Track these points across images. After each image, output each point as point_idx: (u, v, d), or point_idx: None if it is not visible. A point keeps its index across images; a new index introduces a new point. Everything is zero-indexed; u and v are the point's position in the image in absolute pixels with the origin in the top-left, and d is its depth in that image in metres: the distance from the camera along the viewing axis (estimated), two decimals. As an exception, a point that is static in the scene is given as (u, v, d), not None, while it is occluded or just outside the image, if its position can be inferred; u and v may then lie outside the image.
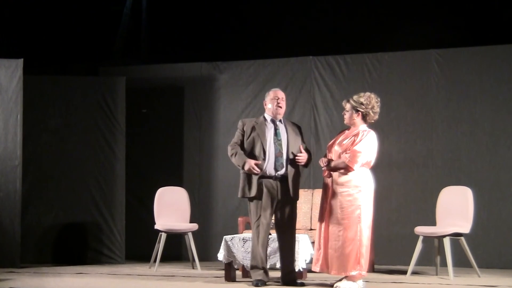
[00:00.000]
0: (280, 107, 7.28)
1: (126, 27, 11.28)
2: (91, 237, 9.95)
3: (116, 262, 9.86)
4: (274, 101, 7.27)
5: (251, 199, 7.16)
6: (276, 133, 7.21)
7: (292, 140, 7.21)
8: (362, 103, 7.02)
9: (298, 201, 7.31)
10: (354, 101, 7.06)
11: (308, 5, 10.42)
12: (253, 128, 7.23)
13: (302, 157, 7.14)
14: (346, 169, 6.93)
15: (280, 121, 7.30)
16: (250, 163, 7.05)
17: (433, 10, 9.93)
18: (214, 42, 10.91)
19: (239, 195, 7.26)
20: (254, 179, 7.12)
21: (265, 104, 7.36)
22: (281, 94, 7.33)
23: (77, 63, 10.68)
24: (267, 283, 7.14)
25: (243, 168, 7.12)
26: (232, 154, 7.21)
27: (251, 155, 7.16)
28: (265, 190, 7.12)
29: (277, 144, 7.17)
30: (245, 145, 7.23)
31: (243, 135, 7.27)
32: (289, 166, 7.17)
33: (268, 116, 7.32)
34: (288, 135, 7.22)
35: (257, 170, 7.06)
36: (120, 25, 11.25)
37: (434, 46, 9.82)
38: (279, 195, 7.13)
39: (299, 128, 7.44)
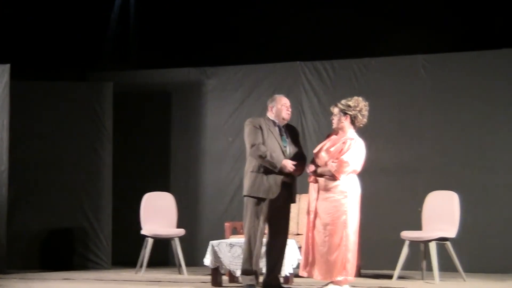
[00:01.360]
0: (289, 113, 7.29)
1: (114, 33, 11.26)
2: (78, 242, 9.93)
3: (102, 268, 9.85)
4: (284, 108, 7.24)
5: (258, 200, 7.05)
6: (282, 139, 7.20)
7: (292, 147, 7.22)
8: (350, 106, 7.04)
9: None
10: (342, 104, 7.08)
11: (296, 11, 10.43)
12: (268, 129, 7.17)
13: (297, 172, 7.14)
14: (333, 177, 6.95)
15: (282, 126, 7.30)
16: (287, 165, 6.98)
17: (420, 16, 9.95)
18: (202, 47, 10.91)
19: (246, 193, 7.11)
20: (269, 180, 7.03)
21: (271, 108, 7.28)
22: (288, 101, 7.32)
23: (65, 68, 10.64)
24: (256, 288, 7.16)
25: (279, 171, 7.00)
26: (267, 155, 7.00)
27: None
28: (273, 191, 7.05)
29: (284, 150, 7.16)
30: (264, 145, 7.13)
31: (262, 135, 7.14)
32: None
33: (273, 120, 7.28)
34: (288, 142, 7.22)
35: (293, 168, 7.03)
36: (108, 30, 11.23)
37: (421, 52, 9.84)
38: (280, 200, 7.10)
39: (297, 131, 7.47)
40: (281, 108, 7.24)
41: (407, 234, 8.32)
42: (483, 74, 9.62)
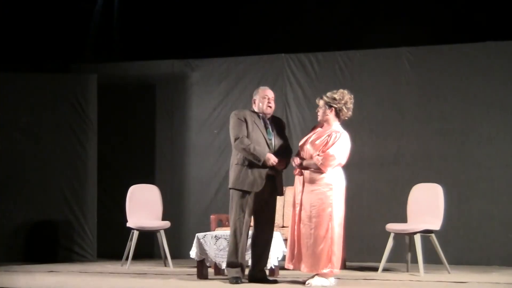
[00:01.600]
0: (270, 107, 7.24)
1: (97, 24, 11.19)
2: (63, 235, 9.88)
3: (87, 260, 9.83)
4: (265, 101, 7.21)
5: (243, 193, 7.05)
6: (267, 132, 7.18)
7: (277, 140, 7.21)
8: (335, 99, 7.07)
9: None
10: (327, 97, 7.10)
11: (281, 4, 10.41)
12: (253, 122, 7.14)
13: (281, 165, 7.11)
14: (318, 170, 6.97)
15: (268, 118, 7.28)
16: (270, 159, 6.97)
17: (404, 8, 9.95)
18: (186, 39, 10.86)
19: (231, 185, 7.12)
20: (254, 173, 7.02)
21: (254, 102, 7.27)
22: (271, 94, 7.27)
23: (48, 60, 10.57)
24: (242, 281, 7.14)
25: (262, 164, 6.97)
26: (250, 148, 6.99)
27: None
28: (257, 184, 7.05)
29: (269, 143, 7.16)
30: (248, 138, 7.11)
31: (246, 127, 7.12)
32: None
33: (258, 112, 7.25)
34: (273, 135, 7.21)
35: (276, 162, 7.01)
36: (91, 22, 11.16)
37: (405, 44, 9.85)
38: (265, 193, 7.11)
39: (283, 124, 7.46)
40: (262, 100, 7.23)
41: (392, 227, 8.33)
42: (467, 67, 9.64)
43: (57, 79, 10.14)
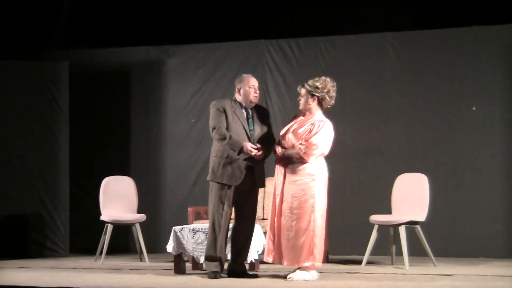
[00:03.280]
0: (257, 96, 7.16)
1: (68, 8, 11.01)
2: (34, 229, 9.80)
3: (59, 255, 9.77)
4: (252, 90, 7.11)
5: (223, 185, 6.96)
6: (248, 123, 7.08)
7: (259, 130, 7.11)
8: (317, 87, 6.99)
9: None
10: (309, 85, 7.03)
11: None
12: (233, 112, 7.04)
13: (259, 154, 6.95)
14: (301, 160, 6.89)
15: (250, 108, 7.17)
16: (247, 146, 6.86)
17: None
18: (163, 24, 10.76)
19: (209, 178, 7.06)
20: (233, 166, 6.94)
21: (238, 90, 7.14)
22: (256, 83, 7.19)
23: (16, 46, 10.41)
24: (221, 275, 7.07)
25: (239, 152, 6.88)
26: (226, 137, 6.91)
27: None
28: (236, 177, 6.95)
29: (249, 134, 7.06)
30: (227, 129, 7.02)
31: (226, 118, 7.01)
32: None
33: (240, 102, 7.13)
34: (255, 125, 7.11)
35: (255, 152, 6.88)
36: (62, 5, 10.97)
37: (389, 29, 9.80)
38: (246, 185, 7.02)
39: (267, 113, 7.36)
40: (248, 90, 7.13)
41: (376, 218, 8.29)
42: (453, 53, 9.59)
43: (27, 66, 10.01)
